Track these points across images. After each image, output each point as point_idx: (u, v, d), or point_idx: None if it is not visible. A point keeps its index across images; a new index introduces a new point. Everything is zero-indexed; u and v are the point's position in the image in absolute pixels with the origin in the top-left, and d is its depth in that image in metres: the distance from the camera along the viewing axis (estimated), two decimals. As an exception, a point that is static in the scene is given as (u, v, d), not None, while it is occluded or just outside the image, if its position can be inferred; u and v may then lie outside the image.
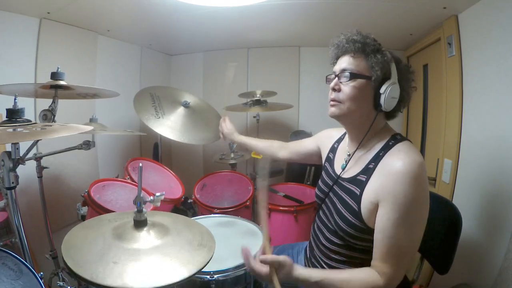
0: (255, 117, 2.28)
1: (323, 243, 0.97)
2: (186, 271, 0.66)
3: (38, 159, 1.35)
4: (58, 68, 1.17)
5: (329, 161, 1.09)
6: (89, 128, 0.94)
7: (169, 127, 1.63)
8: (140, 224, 0.77)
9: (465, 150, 1.43)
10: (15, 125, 0.82)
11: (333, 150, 1.10)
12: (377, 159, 0.86)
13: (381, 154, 0.86)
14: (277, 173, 2.24)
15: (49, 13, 1.52)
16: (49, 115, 1.14)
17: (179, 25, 1.90)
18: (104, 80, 1.96)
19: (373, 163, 0.86)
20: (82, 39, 1.81)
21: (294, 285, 1.12)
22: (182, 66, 2.77)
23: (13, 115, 0.85)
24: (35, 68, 1.55)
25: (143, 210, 0.78)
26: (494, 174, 1.23)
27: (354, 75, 0.87)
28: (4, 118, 0.86)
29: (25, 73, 1.52)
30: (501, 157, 1.19)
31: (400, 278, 0.80)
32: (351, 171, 0.93)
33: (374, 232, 0.82)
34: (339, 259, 0.92)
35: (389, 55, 0.88)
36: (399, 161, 0.79)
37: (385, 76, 0.86)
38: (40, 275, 0.76)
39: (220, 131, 1.55)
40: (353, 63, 0.88)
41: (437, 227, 1.06)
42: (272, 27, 2.02)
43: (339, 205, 0.92)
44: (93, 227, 0.80)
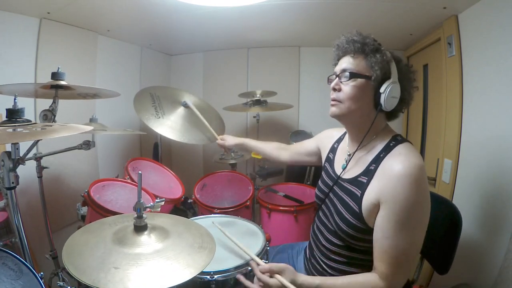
0: (255, 117, 2.28)
1: (323, 244, 0.97)
2: (187, 274, 0.66)
3: (38, 159, 1.35)
4: (58, 68, 1.17)
5: (329, 161, 1.08)
6: (89, 128, 0.94)
7: (169, 127, 1.63)
8: (140, 228, 0.78)
9: (465, 150, 1.43)
10: (15, 125, 0.82)
11: (333, 150, 1.10)
12: (378, 161, 0.86)
13: (381, 155, 0.86)
14: (277, 173, 2.24)
15: (49, 13, 1.52)
16: (49, 115, 1.14)
17: (179, 25, 1.90)
18: (104, 80, 1.96)
19: (374, 165, 0.86)
20: (82, 39, 1.81)
21: None
22: (182, 66, 2.77)
23: (13, 115, 0.85)
24: (35, 68, 1.55)
25: (143, 215, 0.78)
26: (494, 174, 1.23)
27: (353, 75, 0.87)
28: (4, 118, 0.86)
29: (25, 73, 1.52)
30: (501, 157, 1.19)
31: (402, 281, 0.80)
32: (352, 172, 0.93)
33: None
34: (339, 259, 0.92)
35: (389, 54, 0.88)
36: (399, 164, 0.79)
37: (385, 75, 0.86)
38: (40, 275, 0.76)
39: (222, 148, 1.55)
40: (353, 63, 0.88)
41: (437, 227, 1.06)
42: (272, 27, 2.02)
43: (339, 206, 0.92)
44: (93, 232, 0.80)
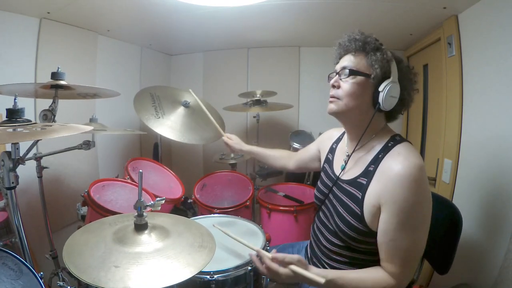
0: (255, 117, 2.28)
1: (323, 244, 0.97)
2: (187, 273, 0.67)
3: (38, 159, 1.35)
4: (58, 68, 1.17)
5: (328, 162, 1.08)
6: (89, 128, 0.94)
7: (169, 127, 1.63)
8: (141, 227, 0.78)
9: (465, 150, 1.43)
10: (15, 125, 0.82)
11: (332, 151, 1.10)
12: (376, 161, 0.85)
13: (380, 156, 0.86)
14: (277, 173, 2.24)
15: (49, 13, 1.52)
16: (49, 115, 1.14)
17: (179, 25, 1.90)
18: (104, 80, 1.96)
19: (373, 165, 0.86)
20: (82, 39, 1.81)
21: (297, 284, 1.12)
22: (182, 66, 2.77)
23: (13, 115, 0.85)
24: (35, 68, 1.55)
25: (144, 214, 0.78)
26: (494, 174, 1.23)
27: (353, 72, 0.87)
28: (4, 118, 0.86)
29: (25, 73, 1.52)
30: (501, 157, 1.19)
31: (410, 277, 0.81)
32: (351, 173, 0.93)
33: (376, 235, 0.82)
34: (340, 259, 0.92)
35: (390, 54, 0.88)
36: (398, 164, 0.79)
37: (384, 74, 0.86)
38: (40, 275, 0.76)
39: (227, 147, 1.47)
40: (354, 61, 0.88)
41: (437, 227, 1.06)
42: (272, 27, 2.02)
43: (339, 208, 0.91)
44: (94, 232, 0.80)
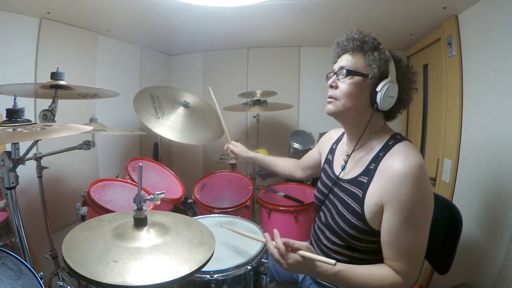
0: (255, 117, 2.27)
1: (324, 243, 0.97)
2: (186, 269, 0.66)
3: (38, 159, 1.35)
4: (58, 68, 1.17)
5: (328, 162, 1.08)
6: (89, 128, 0.94)
7: (169, 127, 1.63)
8: (140, 222, 0.77)
9: (465, 150, 1.43)
10: (15, 125, 0.82)
11: (332, 151, 1.10)
12: (377, 160, 0.85)
13: (381, 154, 0.86)
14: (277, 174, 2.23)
15: (49, 13, 1.52)
16: (49, 115, 1.14)
17: (179, 25, 1.90)
18: (104, 80, 1.96)
19: (373, 164, 0.86)
20: (82, 39, 1.81)
21: (296, 284, 1.12)
22: (182, 66, 2.77)
23: (13, 115, 0.85)
24: (35, 68, 1.55)
25: (143, 208, 0.78)
26: (494, 174, 1.22)
27: (350, 72, 0.87)
28: (4, 118, 0.86)
29: (25, 73, 1.52)
30: (501, 157, 1.18)
31: (416, 275, 0.81)
32: (352, 172, 0.93)
33: (376, 233, 0.82)
34: (341, 259, 0.92)
35: (388, 53, 0.88)
36: (399, 163, 0.79)
37: (382, 74, 0.86)
38: (40, 275, 0.76)
39: (232, 154, 1.46)
40: (351, 61, 0.88)
41: (437, 227, 1.05)
42: (272, 27, 2.02)
43: (340, 207, 0.91)
44: (93, 228, 0.80)
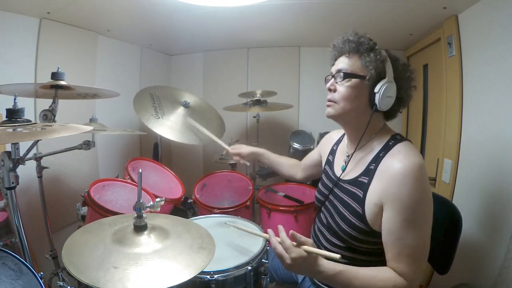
0: (255, 117, 2.27)
1: (324, 245, 0.97)
2: (186, 274, 0.66)
3: (38, 159, 1.35)
4: (58, 68, 1.17)
5: (329, 163, 1.08)
6: (89, 128, 0.94)
7: (169, 127, 1.62)
8: (140, 228, 0.77)
9: (465, 150, 1.43)
10: (15, 125, 0.82)
11: (333, 152, 1.10)
12: (377, 160, 0.85)
13: (381, 154, 0.86)
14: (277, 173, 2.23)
15: (49, 13, 1.52)
16: (49, 115, 1.14)
17: (179, 25, 1.90)
18: (104, 80, 1.96)
19: (373, 164, 0.86)
20: (82, 39, 1.81)
21: (295, 284, 1.12)
22: (182, 66, 2.77)
23: (13, 115, 0.85)
24: (35, 68, 1.55)
25: (143, 215, 0.78)
26: (494, 174, 1.22)
27: (348, 75, 0.87)
28: (4, 118, 0.86)
29: (25, 73, 1.52)
30: (501, 157, 1.19)
31: (420, 277, 0.79)
32: (352, 173, 0.93)
33: (377, 234, 0.82)
34: (341, 261, 0.92)
35: (384, 53, 0.88)
36: (399, 163, 0.79)
37: (380, 75, 0.85)
38: (40, 275, 0.76)
39: (238, 157, 1.44)
40: (348, 63, 0.88)
41: (437, 227, 1.05)
42: (272, 27, 2.02)
43: (340, 208, 0.91)
44: (93, 232, 0.80)
